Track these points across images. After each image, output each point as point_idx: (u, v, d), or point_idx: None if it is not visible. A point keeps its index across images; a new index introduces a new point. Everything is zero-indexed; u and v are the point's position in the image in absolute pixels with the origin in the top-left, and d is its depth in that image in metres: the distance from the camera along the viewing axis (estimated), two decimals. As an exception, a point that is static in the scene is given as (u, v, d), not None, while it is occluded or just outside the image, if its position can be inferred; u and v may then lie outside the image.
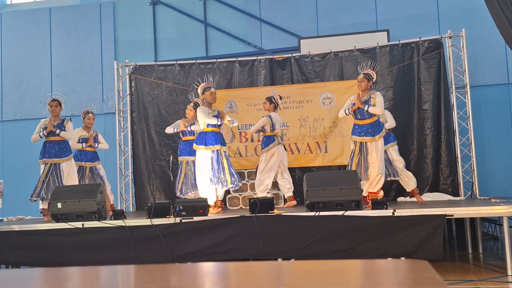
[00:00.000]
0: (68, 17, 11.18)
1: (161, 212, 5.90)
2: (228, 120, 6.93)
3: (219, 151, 6.76)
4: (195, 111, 7.33)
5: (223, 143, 6.92)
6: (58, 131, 7.03)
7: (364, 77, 6.66)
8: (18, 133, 10.78)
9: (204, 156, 6.76)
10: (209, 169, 6.70)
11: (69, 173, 7.09)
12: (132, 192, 9.25)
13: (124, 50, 10.81)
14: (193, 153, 7.26)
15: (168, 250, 5.62)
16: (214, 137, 6.78)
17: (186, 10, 10.74)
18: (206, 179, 6.71)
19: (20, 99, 11.08)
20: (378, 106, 6.46)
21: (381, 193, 7.03)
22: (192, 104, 7.96)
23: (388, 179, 7.29)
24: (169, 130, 8.10)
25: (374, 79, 6.79)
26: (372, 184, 6.50)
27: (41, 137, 7.11)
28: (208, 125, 6.82)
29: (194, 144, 6.95)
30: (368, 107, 6.46)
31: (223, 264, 2.03)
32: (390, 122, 7.48)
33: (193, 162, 7.40)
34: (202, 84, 7.04)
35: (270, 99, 7.67)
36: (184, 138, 7.92)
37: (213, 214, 6.22)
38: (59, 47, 11.13)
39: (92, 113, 7.74)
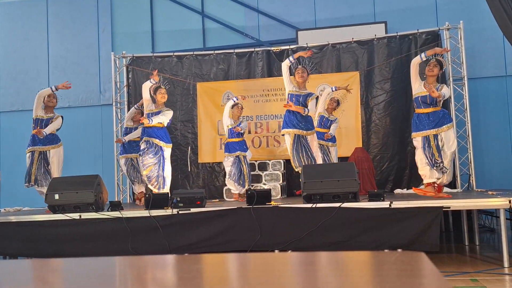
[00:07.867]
0: (65, 8, 11.12)
1: (159, 203, 5.91)
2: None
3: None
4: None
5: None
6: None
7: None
8: (15, 124, 10.76)
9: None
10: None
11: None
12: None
13: (121, 41, 10.76)
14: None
15: (166, 241, 5.63)
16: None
17: (183, 1, 10.68)
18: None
19: (17, 90, 11.04)
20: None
21: None
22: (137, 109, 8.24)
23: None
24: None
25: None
26: None
27: None
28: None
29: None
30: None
31: (220, 255, 2.03)
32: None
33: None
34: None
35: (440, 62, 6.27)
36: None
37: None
38: (56, 38, 11.08)
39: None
